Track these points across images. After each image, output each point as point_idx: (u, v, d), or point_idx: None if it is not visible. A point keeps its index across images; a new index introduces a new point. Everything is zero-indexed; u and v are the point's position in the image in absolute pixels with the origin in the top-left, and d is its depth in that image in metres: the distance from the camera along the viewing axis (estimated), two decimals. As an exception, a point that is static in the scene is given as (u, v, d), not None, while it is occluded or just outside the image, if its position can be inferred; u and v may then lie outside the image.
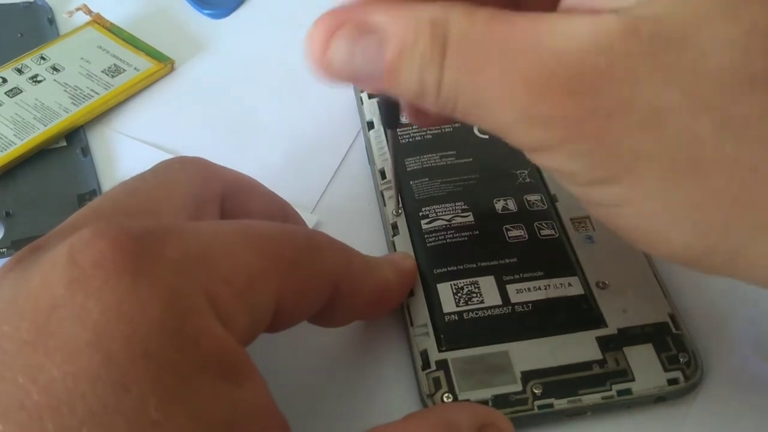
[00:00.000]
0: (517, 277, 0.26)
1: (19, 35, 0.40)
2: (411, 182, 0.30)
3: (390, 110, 0.24)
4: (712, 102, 0.17)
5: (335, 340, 0.26)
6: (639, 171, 0.17)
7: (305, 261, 0.20)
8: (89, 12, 0.40)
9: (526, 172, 0.30)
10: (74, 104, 0.35)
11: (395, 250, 0.28)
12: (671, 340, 0.25)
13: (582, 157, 0.18)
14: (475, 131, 0.32)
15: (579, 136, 0.18)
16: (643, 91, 0.17)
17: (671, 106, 0.17)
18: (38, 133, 0.33)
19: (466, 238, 0.28)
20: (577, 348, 0.24)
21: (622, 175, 0.18)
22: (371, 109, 0.34)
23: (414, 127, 0.32)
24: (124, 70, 0.37)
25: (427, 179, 0.30)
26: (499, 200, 0.29)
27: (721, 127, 0.17)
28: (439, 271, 0.27)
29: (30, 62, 0.37)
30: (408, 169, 0.31)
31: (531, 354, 0.24)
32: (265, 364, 0.19)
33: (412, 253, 0.27)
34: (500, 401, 0.23)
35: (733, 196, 0.17)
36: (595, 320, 0.25)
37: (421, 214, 0.29)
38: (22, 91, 0.35)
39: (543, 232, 0.28)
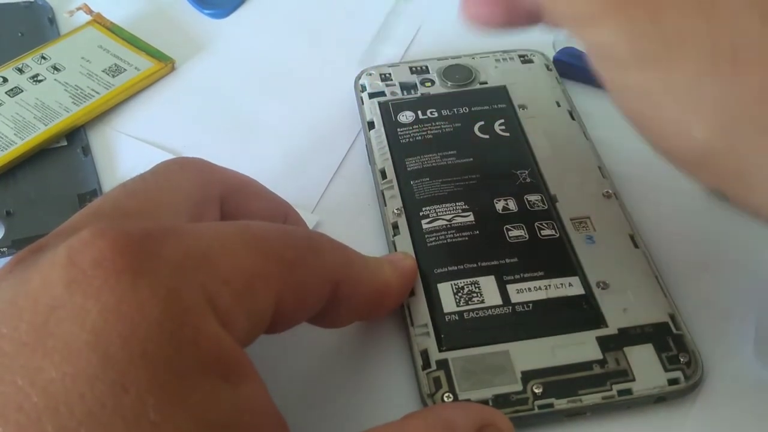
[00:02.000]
0: (518, 277, 0.26)
1: (19, 35, 0.40)
2: (411, 182, 0.30)
3: None
4: None
5: (335, 340, 0.26)
6: (678, 54, 0.17)
7: (305, 262, 0.20)
8: (90, 11, 0.40)
9: (526, 172, 0.30)
10: (75, 104, 0.35)
11: (396, 250, 0.28)
12: (671, 340, 0.25)
13: (627, 31, 0.18)
14: (476, 131, 0.32)
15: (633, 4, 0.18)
16: None
17: None
18: (39, 132, 0.33)
19: (466, 238, 0.28)
20: (577, 348, 0.24)
21: (662, 55, 0.18)
22: (371, 109, 0.34)
23: (414, 126, 0.32)
24: (125, 69, 0.37)
25: (427, 179, 0.30)
26: (499, 200, 0.29)
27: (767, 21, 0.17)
28: (439, 270, 0.27)
29: (30, 62, 0.37)
30: (408, 169, 0.31)
31: (531, 354, 0.24)
32: (265, 365, 0.19)
33: (412, 253, 0.27)
34: (500, 401, 0.23)
35: (765, 96, 0.17)
36: (596, 320, 0.25)
37: (421, 214, 0.29)
38: (22, 91, 0.36)
39: (543, 232, 0.28)
